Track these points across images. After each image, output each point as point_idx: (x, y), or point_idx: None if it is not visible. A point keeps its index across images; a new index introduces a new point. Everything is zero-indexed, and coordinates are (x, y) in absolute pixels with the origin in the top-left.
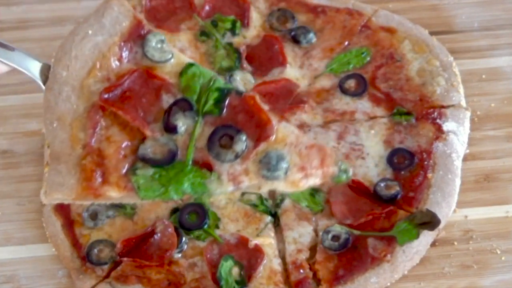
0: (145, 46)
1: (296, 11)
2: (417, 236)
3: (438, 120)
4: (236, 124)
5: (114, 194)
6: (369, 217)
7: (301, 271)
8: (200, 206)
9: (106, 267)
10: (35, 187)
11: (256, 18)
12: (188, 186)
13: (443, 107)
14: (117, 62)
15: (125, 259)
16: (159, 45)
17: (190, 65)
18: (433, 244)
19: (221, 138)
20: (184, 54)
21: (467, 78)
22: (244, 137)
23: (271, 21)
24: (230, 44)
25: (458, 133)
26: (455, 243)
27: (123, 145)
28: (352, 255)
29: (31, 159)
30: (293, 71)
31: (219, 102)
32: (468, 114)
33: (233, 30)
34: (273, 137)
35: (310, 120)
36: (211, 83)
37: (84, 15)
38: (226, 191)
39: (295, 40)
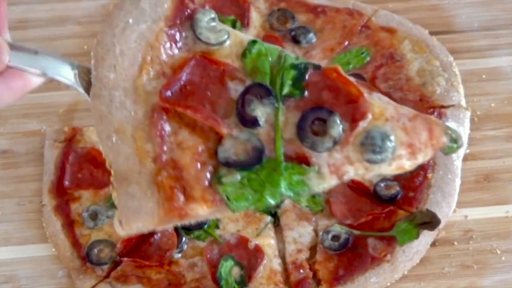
0: (195, 27)
1: (296, 11)
2: (417, 236)
3: None
4: (322, 104)
5: (202, 212)
6: (369, 217)
7: (301, 271)
8: None
9: (106, 267)
10: (35, 187)
11: (256, 18)
12: (285, 186)
13: (443, 107)
14: (168, 52)
15: (125, 259)
16: (211, 24)
17: (253, 42)
18: (433, 244)
19: (311, 123)
20: None
21: (467, 78)
22: (338, 119)
23: (271, 21)
24: None
25: None
26: (455, 243)
27: (199, 150)
28: (352, 255)
29: (31, 159)
30: None
31: (297, 81)
32: (468, 114)
33: None
34: (369, 114)
35: None
36: (282, 60)
37: (85, 15)
38: (330, 185)
39: (295, 40)
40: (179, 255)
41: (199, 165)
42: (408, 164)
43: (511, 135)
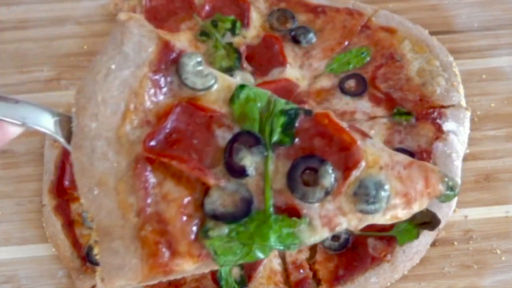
0: (181, 72)
1: (296, 11)
2: (417, 236)
3: (438, 120)
4: (313, 152)
5: (188, 267)
6: None
7: (301, 271)
8: None
9: None
10: (35, 187)
11: (256, 18)
12: (275, 240)
13: (443, 107)
14: (153, 98)
15: None
16: (197, 68)
17: (241, 87)
18: (433, 244)
19: (302, 173)
20: None
21: (467, 78)
22: (330, 168)
23: (271, 21)
24: (230, 44)
25: (458, 133)
26: (455, 243)
27: (184, 202)
28: (352, 255)
29: (31, 159)
30: (293, 71)
31: (287, 128)
32: (468, 114)
33: (233, 30)
34: (363, 162)
35: None
36: (272, 105)
37: (85, 15)
38: (322, 238)
39: (295, 40)
40: None
41: (185, 218)
42: (403, 214)
43: (511, 135)
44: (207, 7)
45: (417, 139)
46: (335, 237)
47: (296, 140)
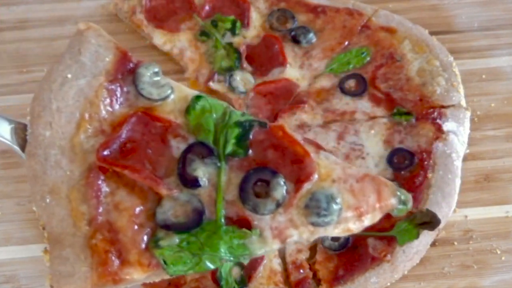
0: (137, 82)
1: (296, 11)
2: (417, 236)
3: (438, 120)
4: (266, 164)
5: (138, 276)
6: None
7: (301, 271)
8: None
9: None
10: None
11: (256, 18)
12: (225, 251)
13: (443, 107)
14: (108, 108)
15: None
16: (154, 78)
17: (197, 98)
18: (433, 244)
19: (254, 185)
20: (184, 54)
21: (467, 78)
22: (282, 180)
23: (271, 21)
24: (230, 44)
25: (458, 133)
26: (455, 243)
27: (136, 212)
28: (352, 255)
29: None
30: (293, 71)
31: (241, 140)
32: (468, 114)
33: (233, 30)
34: (315, 175)
35: (310, 120)
36: (227, 117)
37: (85, 15)
38: (272, 249)
39: (295, 40)
40: None
41: (136, 227)
42: (354, 227)
43: (511, 135)
44: (207, 7)
45: (417, 139)
46: (335, 237)
47: (250, 151)
